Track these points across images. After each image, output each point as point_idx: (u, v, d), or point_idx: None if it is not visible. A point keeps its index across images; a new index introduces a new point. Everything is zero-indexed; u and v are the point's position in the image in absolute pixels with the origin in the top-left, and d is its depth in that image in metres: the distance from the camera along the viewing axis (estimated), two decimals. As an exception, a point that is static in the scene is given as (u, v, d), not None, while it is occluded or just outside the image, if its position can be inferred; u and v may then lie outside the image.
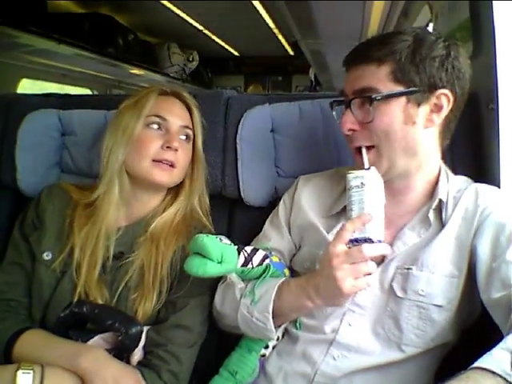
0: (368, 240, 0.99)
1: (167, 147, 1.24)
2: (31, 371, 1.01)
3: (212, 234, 1.28)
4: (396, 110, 1.04)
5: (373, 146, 1.07)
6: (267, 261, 1.15)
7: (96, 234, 1.24)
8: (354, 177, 1.02)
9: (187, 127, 1.32)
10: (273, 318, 1.09)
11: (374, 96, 1.03)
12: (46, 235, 1.27)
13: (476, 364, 0.75)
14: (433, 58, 1.03)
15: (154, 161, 1.24)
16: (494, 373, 0.72)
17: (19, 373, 1.00)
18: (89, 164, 1.51)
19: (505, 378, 0.71)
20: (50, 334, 1.17)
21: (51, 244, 1.26)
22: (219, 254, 1.04)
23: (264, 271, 1.14)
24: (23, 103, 1.63)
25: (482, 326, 1.06)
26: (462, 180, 1.18)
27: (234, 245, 1.11)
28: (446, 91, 1.05)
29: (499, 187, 1.22)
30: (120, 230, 1.28)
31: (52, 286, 1.23)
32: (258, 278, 1.15)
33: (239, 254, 1.10)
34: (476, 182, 1.17)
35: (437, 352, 1.12)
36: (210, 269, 1.04)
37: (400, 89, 1.04)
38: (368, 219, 0.99)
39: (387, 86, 1.04)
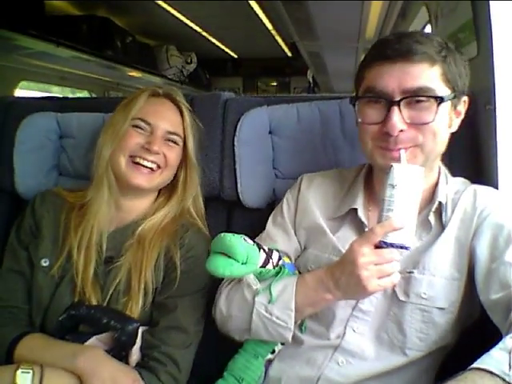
0: (403, 247, 0.95)
1: (147, 149, 1.25)
2: (30, 371, 1.02)
3: (202, 231, 1.30)
4: (446, 112, 1.04)
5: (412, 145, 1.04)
6: (281, 262, 1.14)
7: (89, 230, 1.25)
8: (402, 174, 0.94)
9: (174, 133, 1.31)
10: None
11: (443, 97, 1.00)
12: (43, 242, 1.28)
13: (474, 365, 0.75)
14: (463, 65, 1.04)
15: (131, 157, 1.25)
16: (492, 373, 0.72)
17: (18, 372, 1.01)
18: (87, 167, 1.49)
19: (503, 379, 0.71)
20: (50, 337, 1.18)
21: (48, 251, 1.27)
22: (245, 255, 1.02)
23: (278, 272, 1.12)
24: (21, 106, 1.63)
25: (482, 327, 1.06)
26: (460, 182, 1.18)
27: (252, 241, 1.09)
28: (466, 98, 1.08)
29: (497, 188, 1.22)
30: (110, 233, 1.29)
31: (51, 292, 1.23)
32: (271, 277, 1.13)
33: (259, 251, 1.08)
34: (474, 183, 1.17)
35: (437, 354, 1.12)
36: (236, 270, 1.01)
37: (448, 91, 1.02)
38: (401, 226, 0.93)
39: (440, 87, 1.01)
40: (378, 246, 0.95)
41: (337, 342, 1.12)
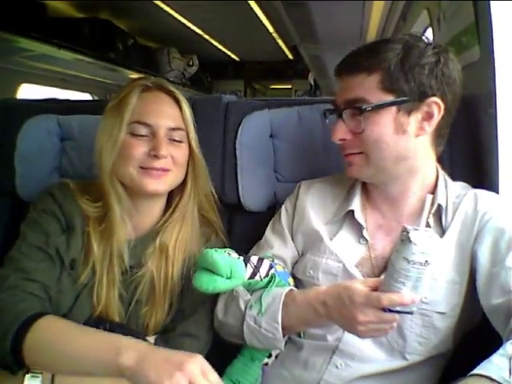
0: (408, 313, 0.94)
1: (154, 155, 1.15)
2: (40, 375, 0.99)
3: (222, 239, 1.29)
4: (386, 120, 1.05)
5: (361, 152, 1.09)
6: (272, 270, 1.14)
7: (109, 250, 1.17)
8: (421, 252, 0.87)
9: (177, 128, 1.20)
10: (282, 328, 1.08)
11: (364, 107, 1.04)
12: (73, 242, 1.18)
13: (475, 371, 0.76)
14: (422, 65, 1.03)
15: (142, 168, 1.16)
16: (492, 380, 0.73)
17: (27, 376, 0.99)
18: (88, 169, 1.49)
19: None
20: (75, 323, 1.06)
21: (77, 254, 1.17)
22: (228, 270, 1.03)
23: (269, 282, 1.13)
24: (23, 108, 1.63)
25: (482, 334, 1.06)
26: (461, 186, 1.18)
27: (240, 255, 1.09)
28: (437, 99, 1.05)
29: (498, 193, 1.22)
30: (130, 242, 1.21)
31: (72, 299, 1.16)
32: (263, 287, 1.14)
33: (246, 265, 1.09)
34: (475, 187, 1.18)
35: (437, 360, 1.11)
36: (220, 285, 1.03)
37: (390, 98, 1.04)
38: (411, 303, 0.91)
39: (377, 96, 1.04)
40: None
41: (335, 344, 1.12)
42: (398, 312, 0.92)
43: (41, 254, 1.15)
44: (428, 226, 1.09)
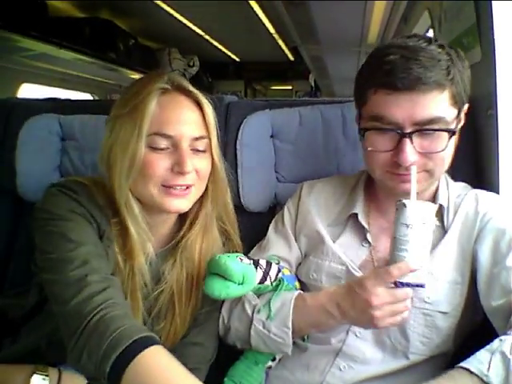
0: (419, 286, 0.94)
1: (178, 172, 1.02)
2: (46, 377, 0.98)
3: (239, 251, 1.25)
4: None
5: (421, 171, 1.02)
6: (280, 274, 1.14)
7: (131, 269, 1.07)
8: (416, 213, 0.89)
9: (201, 137, 1.07)
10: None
11: (454, 130, 0.99)
12: (110, 254, 1.04)
13: (460, 364, 0.81)
14: (467, 73, 1.02)
15: (163, 186, 1.04)
16: (471, 372, 0.78)
17: (34, 377, 0.97)
18: (89, 169, 1.50)
19: (481, 378, 0.78)
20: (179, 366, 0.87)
21: (114, 267, 1.05)
22: (241, 276, 1.02)
23: (277, 286, 1.13)
24: (24, 108, 1.63)
25: (485, 334, 1.05)
26: (461, 186, 1.18)
27: (249, 259, 1.08)
28: (467, 104, 1.06)
29: (498, 193, 1.22)
30: (151, 260, 1.11)
31: None
32: (270, 291, 1.13)
33: (256, 269, 1.08)
34: (475, 188, 1.18)
35: (439, 360, 1.11)
36: (233, 291, 1.01)
37: (455, 111, 1.00)
38: (418, 268, 0.91)
39: (449, 112, 0.99)
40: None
41: (338, 346, 1.12)
42: (409, 285, 0.92)
43: (96, 246, 1.01)
44: None
